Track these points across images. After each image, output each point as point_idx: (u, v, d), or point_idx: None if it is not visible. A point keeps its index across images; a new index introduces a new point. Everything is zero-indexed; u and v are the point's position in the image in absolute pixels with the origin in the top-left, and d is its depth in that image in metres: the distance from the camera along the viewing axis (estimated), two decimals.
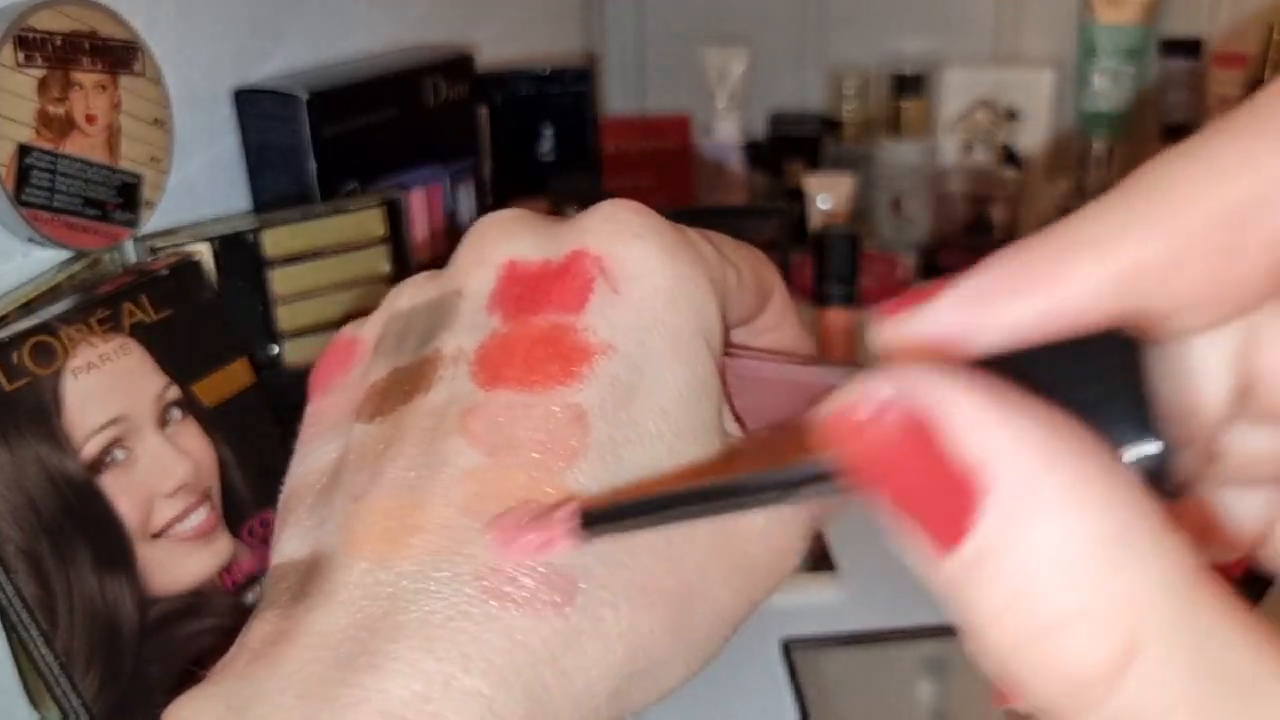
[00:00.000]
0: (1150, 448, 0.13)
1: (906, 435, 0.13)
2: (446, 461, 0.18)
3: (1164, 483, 0.13)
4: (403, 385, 0.20)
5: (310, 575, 0.18)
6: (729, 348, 0.22)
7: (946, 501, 0.12)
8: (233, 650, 0.18)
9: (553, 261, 0.20)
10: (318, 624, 0.17)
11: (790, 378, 0.23)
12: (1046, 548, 0.12)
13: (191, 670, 0.48)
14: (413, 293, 0.22)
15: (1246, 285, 0.13)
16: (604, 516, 0.17)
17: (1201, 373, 0.15)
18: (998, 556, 0.12)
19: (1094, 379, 0.13)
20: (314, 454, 0.21)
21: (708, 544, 0.19)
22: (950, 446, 0.12)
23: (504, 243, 0.21)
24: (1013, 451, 0.12)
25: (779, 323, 0.24)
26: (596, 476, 0.18)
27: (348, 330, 0.23)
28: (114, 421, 0.47)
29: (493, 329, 0.19)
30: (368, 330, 0.23)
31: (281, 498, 0.21)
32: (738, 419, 0.21)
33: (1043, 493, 0.12)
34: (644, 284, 0.19)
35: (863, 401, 0.13)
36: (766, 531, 0.20)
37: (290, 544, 0.20)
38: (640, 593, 0.18)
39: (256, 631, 0.18)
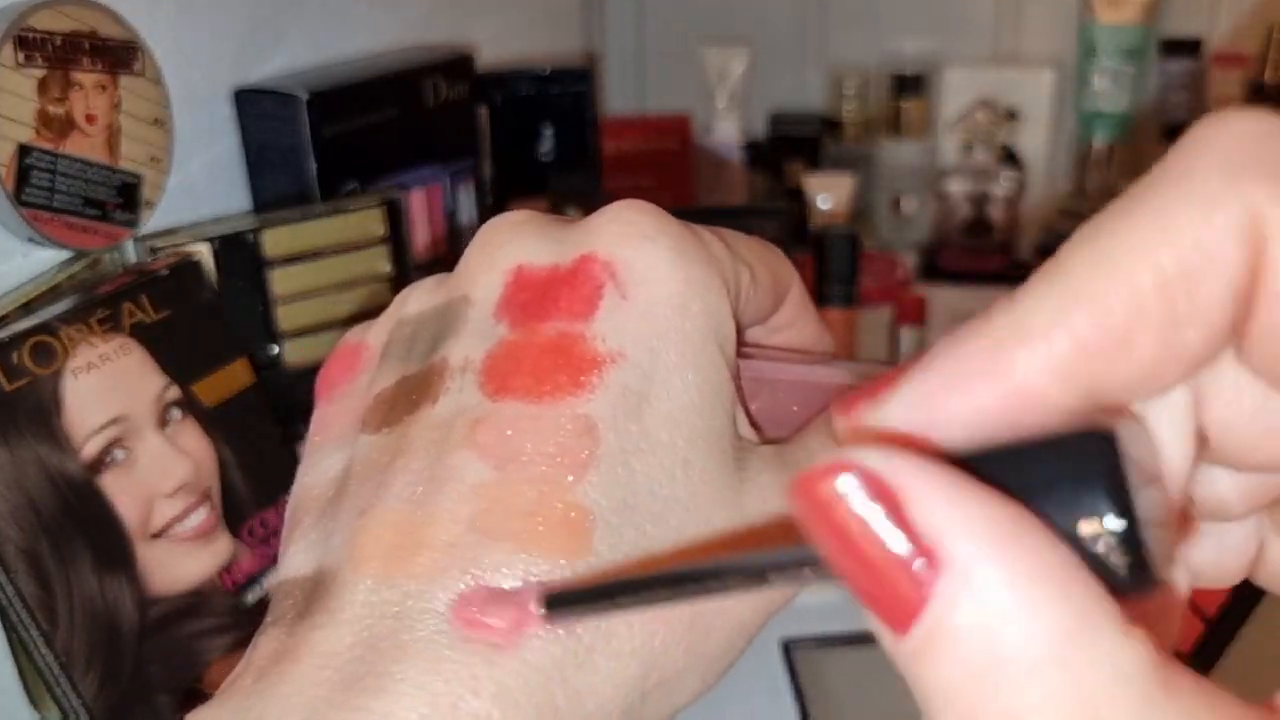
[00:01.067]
0: (1117, 524, 0.12)
1: (864, 507, 0.12)
2: (453, 476, 0.17)
3: (1139, 559, 0.12)
4: (410, 395, 0.19)
5: (316, 592, 0.18)
6: (743, 348, 0.21)
7: (900, 579, 0.12)
8: (239, 667, 0.18)
9: (561, 266, 0.19)
10: (322, 643, 0.17)
11: (807, 378, 0.22)
12: (1000, 635, 0.12)
13: (196, 687, 0.48)
14: (420, 297, 0.21)
15: (1196, 349, 0.13)
16: (568, 600, 0.16)
17: (1158, 436, 0.14)
18: (950, 639, 0.12)
19: (1059, 467, 0.12)
20: (320, 464, 0.21)
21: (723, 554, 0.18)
22: (906, 523, 0.12)
23: (511, 246, 0.20)
24: (966, 532, 0.12)
25: (796, 319, 0.23)
26: (607, 489, 0.17)
27: (354, 335, 0.23)
28: (114, 421, 0.47)
29: (500, 337, 0.19)
30: (374, 336, 0.22)
31: (288, 509, 0.21)
32: (753, 423, 0.20)
33: (996, 576, 0.12)
34: (654, 289, 0.19)
35: (826, 470, 0.13)
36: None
37: (296, 558, 0.19)
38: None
39: (262, 649, 0.18)
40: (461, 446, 0.18)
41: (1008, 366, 0.13)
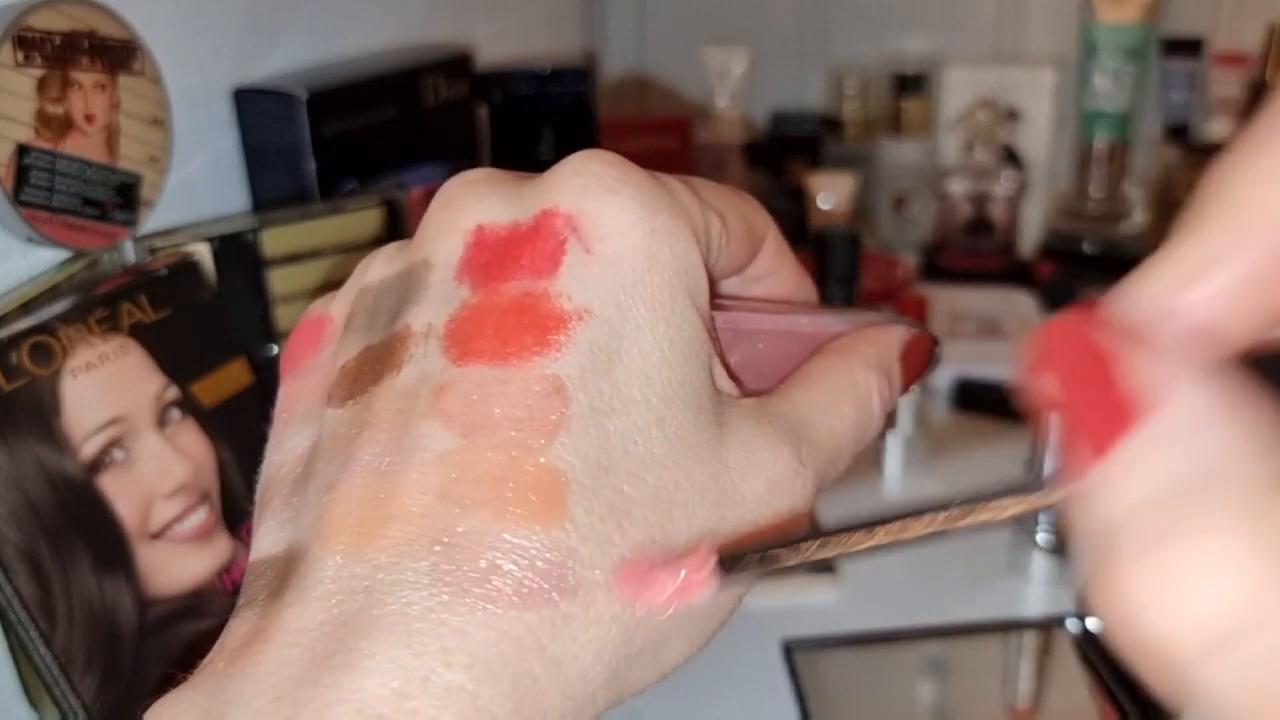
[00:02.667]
0: None
1: (1097, 349, 0.14)
2: (420, 446, 0.17)
3: None
4: (374, 365, 0.19)
5: (286, 571, 0.17)
6: (720, 300, 0.21)
7: (1113, 411, 0.14)
8: (213, 650, 0.18)
9: (521, 223, 0.19)
10: (292, 621, 0.16)
11: (788, 328, 0.22)
12: (1202, 465, 0.13)
13: (173, 673, 0.48)
14: (380, 265, 0.21)
15: None
16: (740, 559, 0.16)
17: None
18: (1156, 453, 0.13)
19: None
20: (288, 442, 0.20)
21: (707, 515, 0.18)
22: (1134, 368, 0.14)
23: (470, 206, 0.19)
24: (1188, 389, 0.13)
25: (774, 268, 0.23)
26: (580, 450, 0.17)
27: (316, 307, 0.22)
28: (113, 422, 0.47)
29: (462, 300, 0.18)
30: (336, 307, 0.22)
31: (258, 489, 0.20)
32: (733, 376, 0.20)
33: (1208, 418, 0.13)
34: (619, 242, 0.18)
35: (1065, 320, 0.15)
36: (771, 495, 0.19)
37: (267, 538, 0.19)
38: None
39: (235, 631, 0.17)
40: (427, 415, 0.17)
41: (1188, 306, 0.14)
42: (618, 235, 0.18)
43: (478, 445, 0.17)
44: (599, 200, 0.19)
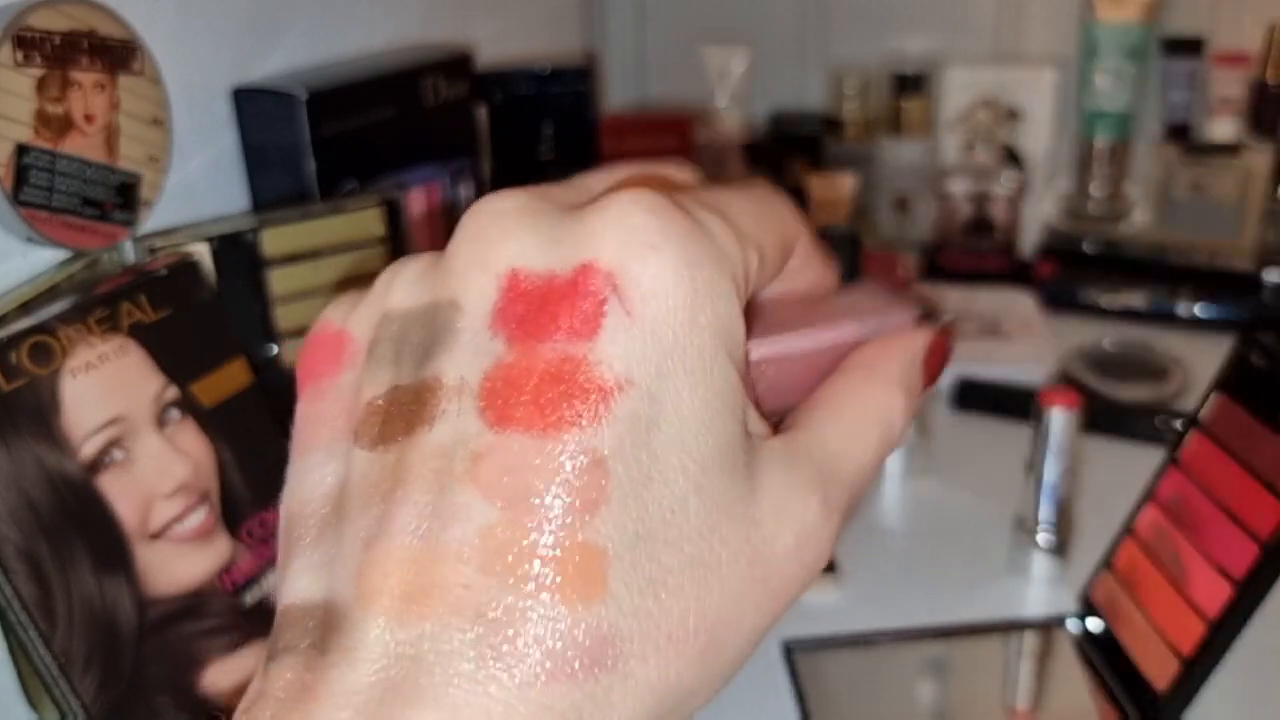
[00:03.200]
0: None
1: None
2: (460, 515, 0.17)
3: None
4: (403, 412, 0.18)
5: (328, 625, 0.18)
6: (750, 337, 0.20)
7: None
8: (252, 693, 0.18)
9: (559, 275, 0.18)
10: (339, 682, 0.16)
11: (814, 346, 0.22)
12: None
13: (216, 716, 0.48)
14: (405, 291, 0.20)
15: None
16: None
17: None
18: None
19: None
20: (313, 474, 0.20)
21: (741, 577, 0.18)
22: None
23: (504, 245, 0.19)
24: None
25: (804, 264, 0.22)
26: (619, 524, 0.17)
27: (333, 320, 0.21)
28: (112, 422, 0.47)
29: (497, 356, 0.18)
30: (356, 326, 0.21)
31: (282, 521, 0.20)
32: (759, 409, 0.20)
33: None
34: (660, 302, 0.18)
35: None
36: (800, 549, 0.19)
37: (300, 580, 0.19)
38: (668, 640, 0.17)
39: (276, 679, 0.17)
40: (465, 481, 0.17)
41: None
42: (659, 295, 0.18)
43: (518, 520, 0.17)
44: (641, 259, 0.18)
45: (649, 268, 0.18)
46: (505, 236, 0.19)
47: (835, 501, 0.20)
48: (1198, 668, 0.48)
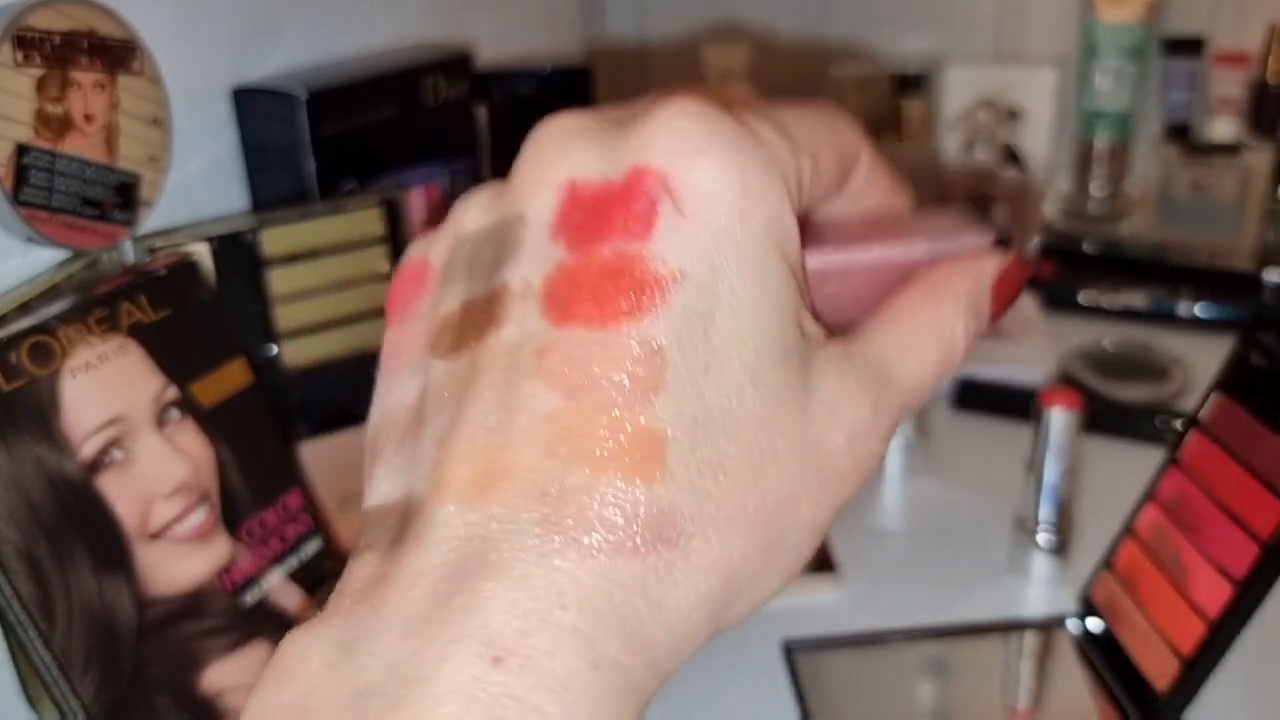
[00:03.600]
0: None
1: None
2: (525, 405, 0.18)
3: None
4: (475, 319, 0.20)
5: (405, 519, 0.19)
6: (809, 243, 0.21)
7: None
8: (337, 591, 0.19)
9: (614, 181, 0.19)
10: (412, 565, 0.17)
11: (878, 261, 0.22)
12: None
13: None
14: (477, 214, 0.21)
15: None
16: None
17: None
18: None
19: None
20: (396, 390, 0.21)
21: (795, 467, 0.19)
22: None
23: (562, 159, 0.20)
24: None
25: (868, 183, 0.23)
26: (678, 409, 0.18)
27: (417, 251, 0.23)
28: (112, 422, 0.47)
29: (558, 260, 0.19)
30: (435, 253, 0.22)
31: (369, 435, 0.21)
32: (817, 316, 0.20)
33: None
34: (712, 202, 0.19)
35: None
36: (851, 445, 0.20)
37: (383, 485, 0.20)
38: (728, 521, 0.18)
39: (357, 572, 0.18)
40: (530, 375, 0.18)
41: None
42: (710, 195, 0.19)
43: (580, 406, 0.18)
44: (690, 160, 0.19)
45: (697, 168, 0.19)
46: (563, 151, 0.20)
47: (886, 405, 0.20)
48: (1198, 668, 0.48)
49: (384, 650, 0.17)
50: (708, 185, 0.19)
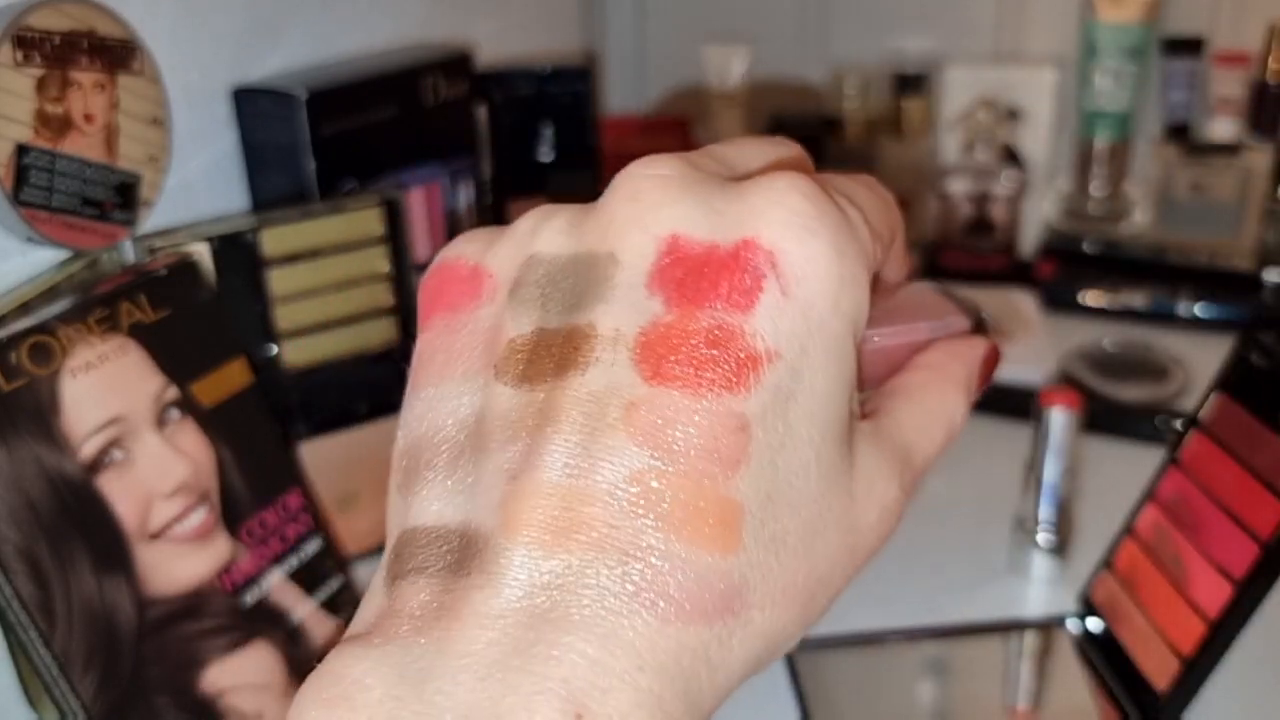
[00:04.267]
0: None
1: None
2: (611, 457, 0.18)
3: None
4: (553, 354, 0.19)
5: (468, 549, 0.18)
6: None
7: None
8: (374, 607, 0.18)
9: (720, 246, 0.19)
10: (483, 604, 0.17)
11: (896, 341, 0.24)
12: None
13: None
14: (553, 237, 0.21)
15: None
16: None
17: None
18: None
19: None
20: (447, 403, 0.20)
21: (839, 544, 0.20)
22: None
23: (666, 209, 0.20)
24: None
25: (894, 259, 0.24)
26: (756, 484, 0.18)
27: (469, 254, 0.22)
28: (112, 422, 0.47)
29: (654, 314, 0.19)
30: (497, 264, 0.21)
31: (406, 443, 0.21)
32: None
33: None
34: (812, 286, 0.19)
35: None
36: (880, 524, 0.21)
37: (434, 505, 0.19)
38: (783, 594, 0.19)
39: (412, 597, 0.18)
40: (618, 427, 0.18)
41: None
42: (812, 279, 0.19)
43: (666, 469, 0.18)
44: (800, 242, 0.19)
45: (807, 251, 0.19)
46: (668, 201, 0.20)
47: (908, 483, 0.22)
48: (1198, 668, 0.48)
49: (459, 691, 0.16)
50: (812, 270, 0.19)
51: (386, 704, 0.16)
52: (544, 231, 0.21)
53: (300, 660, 0.52)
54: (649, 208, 0.20)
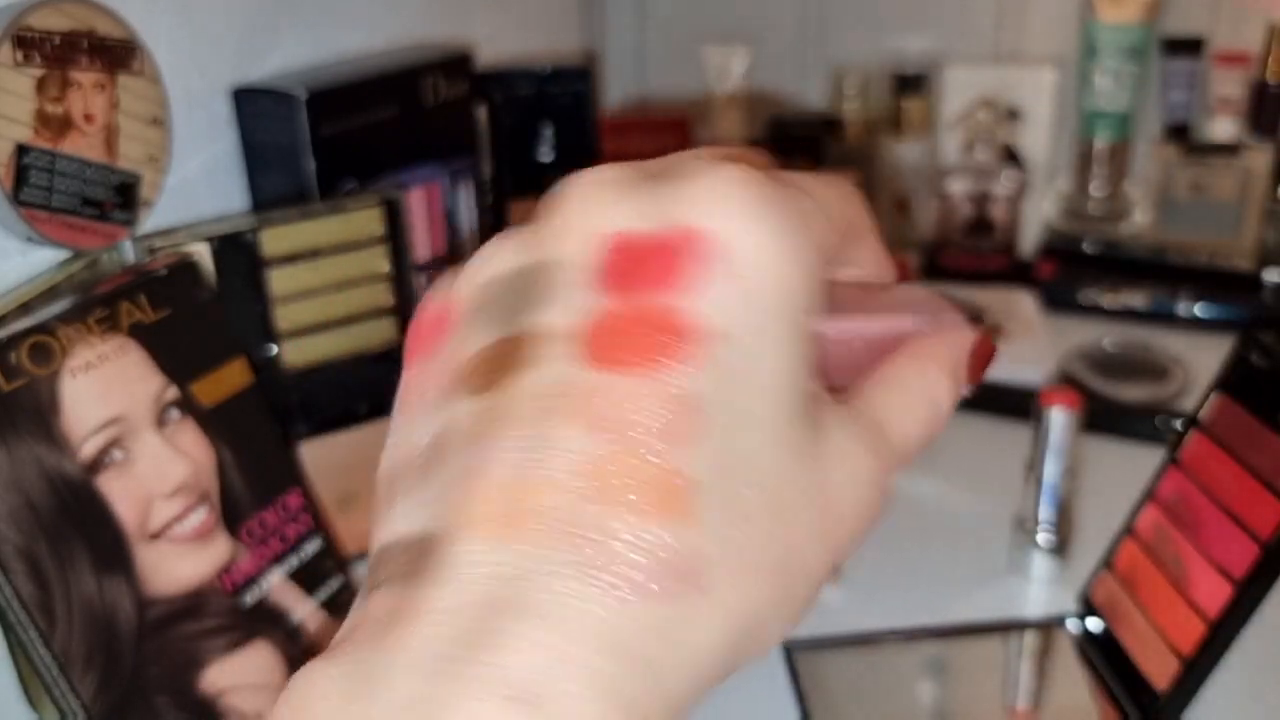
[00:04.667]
0: None
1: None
2: (560, 446, 0.18)
3: None
4: (505, 359, 0.20)
5: (424, 552, 0.18)
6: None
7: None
8: (348, 626, 0.19)
9: (663, 235, 0.19)
10: (438, 601, 0.17)
11: (867, 333, 0.24)
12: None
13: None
14: (504, 258, 0.21)
15: None
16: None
17: None
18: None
19: None
20: (417, 430, 0.21)
21: (811, 520, 0.20)
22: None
23: (607, 209, 0.20)
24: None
25: (869, 254, 0.24)
26: (709, 460, 0.18)
27: (437, 298, 0.23)
28: (112, 422, 0.47)
29: (599, 305, 0.19)
30: (459, 297, 0.22)
31: (381, 474, 0.21)
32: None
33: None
34: (762, 268, 0.19)
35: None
36: (856, 501, 0.21)
37: (398, 522, 0.20)
38: (751, 568, 0.18)
39: (374, 607, 0.18)
40: (565, 416, 0.18)
41: None
42: (760, 261, 0.19)
43: (614, 449, 0.18)
44: (744, 224, 0.19)
45: (751, 232, 0.19)
46: (609, 200, 0.20)
47: (885, 459, 0.22)
48: (1198, 668, 0.48)
49: (406, 687, 0.16)
50: (759, 251, 0.19)
51: (341, 708, 0.17)
52: (498, 255, 0.21)
53: (300, 660, 0.52)
54: (591, 211, 0.20)
